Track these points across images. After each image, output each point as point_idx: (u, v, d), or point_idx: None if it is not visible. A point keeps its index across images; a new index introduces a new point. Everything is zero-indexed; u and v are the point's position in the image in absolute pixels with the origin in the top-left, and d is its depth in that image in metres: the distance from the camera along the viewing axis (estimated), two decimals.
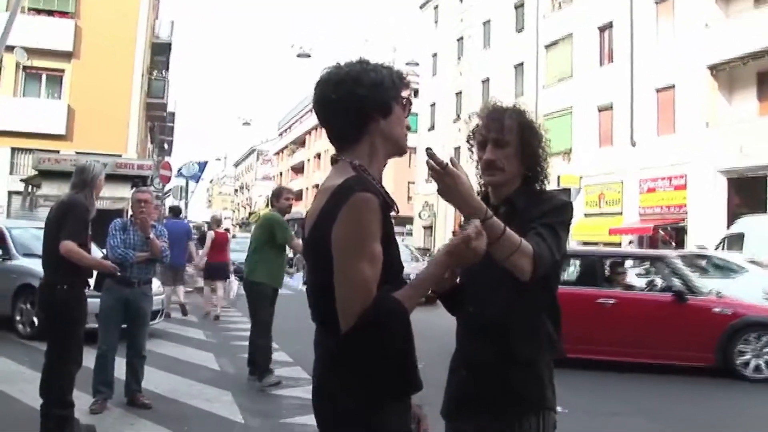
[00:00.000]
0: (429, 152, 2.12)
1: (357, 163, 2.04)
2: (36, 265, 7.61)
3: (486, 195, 2.64)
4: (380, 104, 2.06)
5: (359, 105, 2.03)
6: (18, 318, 10.02)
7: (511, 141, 2.52)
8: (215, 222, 15.23)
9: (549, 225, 2.38)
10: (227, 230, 17.81)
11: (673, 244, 24.99)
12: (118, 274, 5.99)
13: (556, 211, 2.46)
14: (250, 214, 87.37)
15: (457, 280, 2.61)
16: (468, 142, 2.69)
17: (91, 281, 5.74)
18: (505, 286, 2.32)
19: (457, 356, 2.63)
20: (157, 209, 6.73)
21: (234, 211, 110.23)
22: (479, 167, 2.60)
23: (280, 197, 7.73)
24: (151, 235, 6.39)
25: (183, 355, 9.03)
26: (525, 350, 2.43)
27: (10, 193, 26.71)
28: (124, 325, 6.42)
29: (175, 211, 15.33)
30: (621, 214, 28.29)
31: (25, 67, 27.76)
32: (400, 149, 2.17)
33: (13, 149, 27.18)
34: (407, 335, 1.95)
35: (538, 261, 2.23)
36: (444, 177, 2.13)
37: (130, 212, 6.91)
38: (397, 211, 2.09)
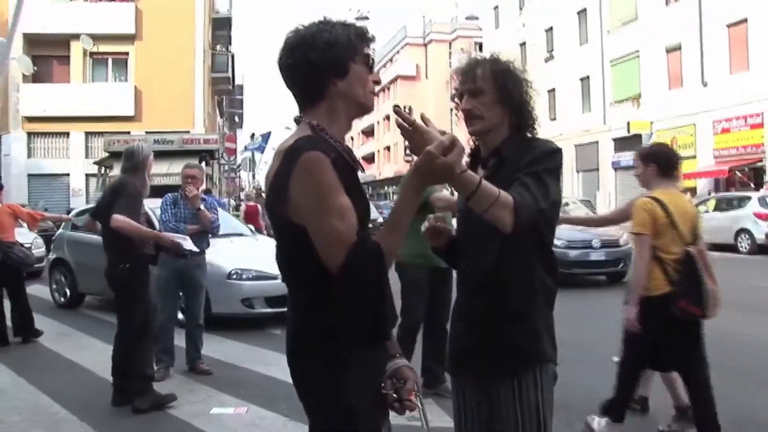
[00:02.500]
0: (396, 110, 2.11)
1: (315, 123, 2.05)
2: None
3: (477, 149, 2.63)
4: (335, 65, 2.05)
5: (313, 68, 2.03)
6: None
7: (486, 88, 2.48)
8: (246, 197, 16.19)
9: (535, 173, 2.33)
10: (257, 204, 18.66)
11: (752, 185, 24.08)
12: (188, 248, 6.14)
13: (543, 158, 2.40)
14: (362, 170, 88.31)
15: (453, 233, 2.61)
16: (453, 100, 2.67)
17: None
18: (497, 238, 2.29)
19: (456, 309, 2.64)
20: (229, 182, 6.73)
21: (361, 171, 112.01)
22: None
23: None
24: (201, 207, 6.57)
25: (243, 323, 9.03)
26: (519, 303, 2.43)
27: (87, 176, 27.75)
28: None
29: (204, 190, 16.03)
30: (695, 157, 27.34)
31: (91, 53, 28.64)
32: (362, 109, 2.15)
33: (87, 133, 28.17)
34: (380, 277, 1.97)
35: (518, 212, 2.19)
36: (413, 134, 2.10)
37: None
38: (363, 170, 2.09)
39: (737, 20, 25.21)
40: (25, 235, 11.99)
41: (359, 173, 2.15)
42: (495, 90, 2.48)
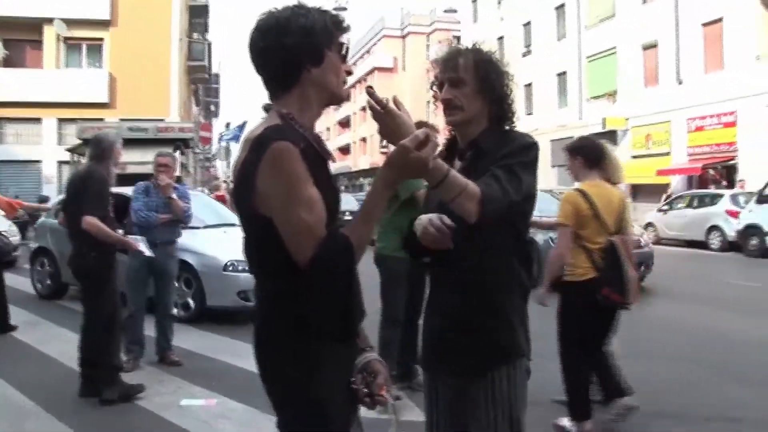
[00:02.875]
0: (369, 91, 2.07)
1: (285, 111, 1.99)
2: (182, 239, 7.27)
3: (453, 140, 2.60)
4: (310, 52, 1.98)
5: (287, 53, 1.96)
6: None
7: (468, 79, 2.46)
8: (214, 187, 16.68)
9: (508, 166, 2.31)
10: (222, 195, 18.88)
11: (724, 183, 24.36)
12: (146, 253, 6.06)
13: (519, 151, 2.39)
14: (332, 161, 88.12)
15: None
16: (431, 89, 2.63)
17: None
18: (475, 232, 2.27)
19: (430, 304, 2.61)
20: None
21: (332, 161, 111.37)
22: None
23: None
24: (173, 196, 6.49)
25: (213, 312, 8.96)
26: (495, 298, 2.41)
27: (60, 163, 27.36)
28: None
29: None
30: (669, 154, 27.66)
31: (65, 39, 28.21)
32: (335, 98, 2.10)
33: (60, 120, 27.75)
34: (349, 271, 1.92)
35: (484, 203, 2.17)
36: (384, 117, 2.07)
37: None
38: (333, 160, 2.06)
39: (712, 19, 25.44)
40: (0, 223, 11.84)
41: (331, 163, 2.11)
42: (477, 81, 2.45)
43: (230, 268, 8.44)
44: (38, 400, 5.36)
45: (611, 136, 30.48)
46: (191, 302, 8.60)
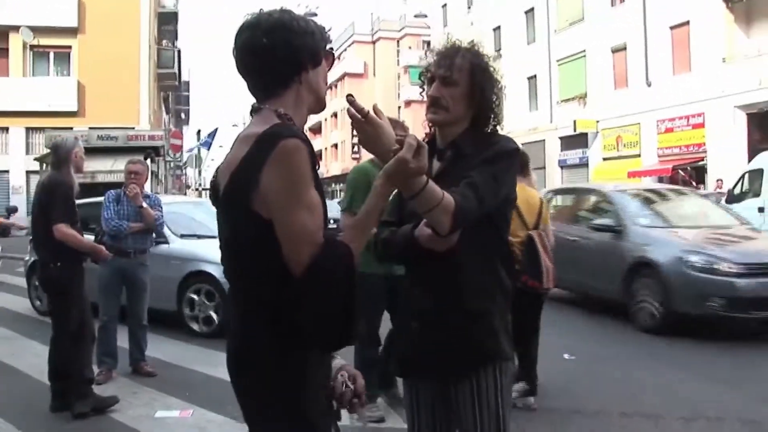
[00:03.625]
0: (349, 99, 2.02)
1: (282, 111, 1.95)
2: (201, 248, 7.24)
3: (433, 137, 2.55)
4: (312, 53, 2.00)
5: (292, 52, 1.96)
6: (188, 312, 8.18)
7: (460, 81, 2.42)
8: None
9: (489, 172, 2.29)
10: None
11: (694, 183, 24.64)
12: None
13: (501, 156, 2.37)
14: (319, 167, 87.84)
15: None
16: (420, 79, 2.58)
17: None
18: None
19: (407, 309, 2.55)
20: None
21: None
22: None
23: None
24: (144, 205, 6.38)
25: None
26: (477, 301, 2.37)
27: (28, 173, 26.94)
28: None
29: None
30: (639, 156, 27.92)
31: (32, 46, 27.85)
32: (320, 103, 2.10)
33: (28, 129, 27.37)
34: (351, 280, 1.87)
35: (457, 217, 2.15)
36: (365, 125, 2.03)
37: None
38: (319, 166, 2.01)
39: (680, 22, 25.73)
40: None
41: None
42: (468, 85, 2.42)
43: None
44: (8, 417, 5.21)
45: (582, 138, 30.78)
46: (214, 316, 7.97)
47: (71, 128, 24.61)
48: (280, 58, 1.95)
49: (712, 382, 6.05)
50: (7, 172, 27.46)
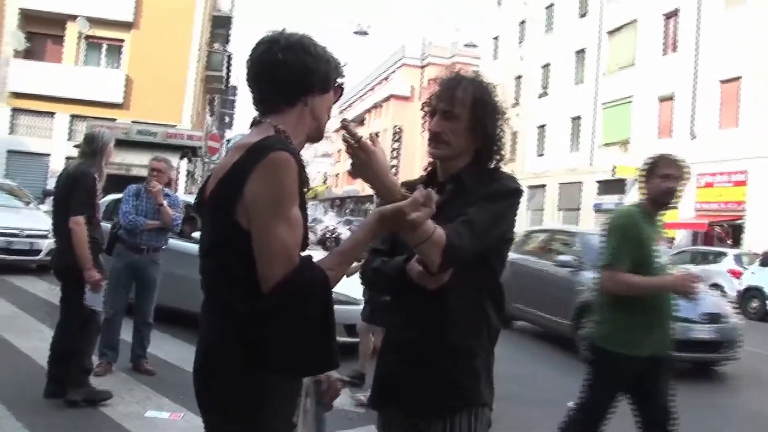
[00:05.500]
0: (344, 124, 2.01)
1: (281, 128, 1.94)
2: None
3: (434, 170, 2.49)
4: (323, 78, 2.03)
5: (304, 72, 1.98)
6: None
7: (461, 115, 2.33)
8: None
9: (488, 210, 2.21)
10: None
11: (729, 241, 24.20)
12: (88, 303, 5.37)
13: (501, 195, 2.29)
14: (308, 190, 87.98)
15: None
16: (422, 110, 2.51)
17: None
18: None
19: (388, 339, 2.48)
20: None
21: (307, 191, 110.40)
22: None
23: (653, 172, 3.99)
24: (164, 203, 6.40)
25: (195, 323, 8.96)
26: (460, 337, 2.27)
27: (68, 159, 27.34)
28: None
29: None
30: (676, 208, 27.47)
31: (86, 37, 28.35)
32: (319, 132, 2.12)
33: (72, 116, 27.79)
34: (326, 307, 1.85)
35: (447, 254, 2.08)
36: (358, 152, 2.00)
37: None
38: (309, 188, 1.98)
39: (731, 77, 25.44)
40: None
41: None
42: (470, 119, 2.34)
43: None
44: (1, 398, 5.22)
45: (620, 184, 30.44)
46: None
47: (114, 119, 25.00)
48: (291, 76, 1.97)
49: None
50: (48, 155, 27.88)
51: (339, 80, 2.10)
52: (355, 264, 2.15)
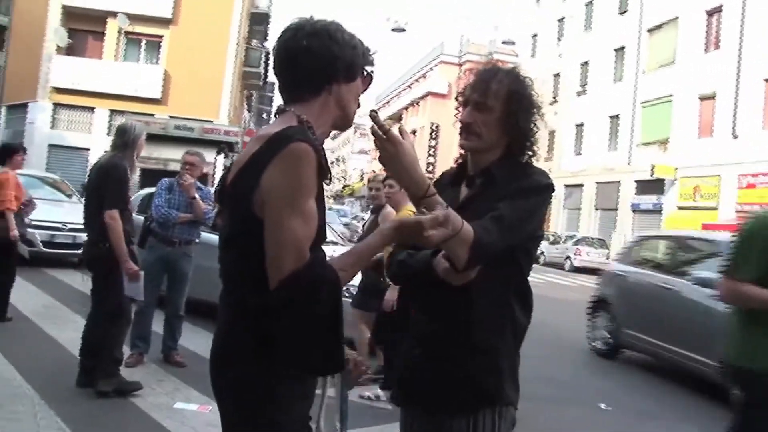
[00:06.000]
0: (372, 115, 1.96)
1: (304, 118, 1.91)
2: None
3: (464, 163, 2.44)
4: (348, 66, 1.98)
5: (329, 59, 1.93)
6: None
7: (495, 107, 2.26)
8: None
9: (516, 206, 2.15)
10: None
11: None
12: (128, 293, 5.45)
13: (532, 191, 2.22)
14: (344, 186, 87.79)
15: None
16: (456, 100, 2.44)
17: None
18: None
19: (413, 332, 2.41)
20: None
21: (328, 183, 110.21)
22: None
23: None
24: (196, 197, 6.44)
25: None
26: (484, 334, 2.22)
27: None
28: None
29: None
30: (716, 209, 26.98)
31: (126, 33, 28.73)
32: (347, 120, 2.06)
33: (112, 111, 28.16)
34: (335, 306, 1.82)
35: (475, 250, 2.02)
36: (386, 143, 1.96)
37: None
38: (330, 181, 1.95)
39: None
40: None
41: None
42: (503, 112, 2.27)
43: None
44: (35, 385, 5.33)
45: (658, 184, 30.00)
46: None
47: (153, 114, 25.32)
48: (315, 63, 1.93)
49: None
50: (88, 149, 28.30)
51: (368, 68, 2.06)
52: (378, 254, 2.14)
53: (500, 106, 2.26)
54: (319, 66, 1.93)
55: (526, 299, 2.32)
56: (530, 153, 2.34)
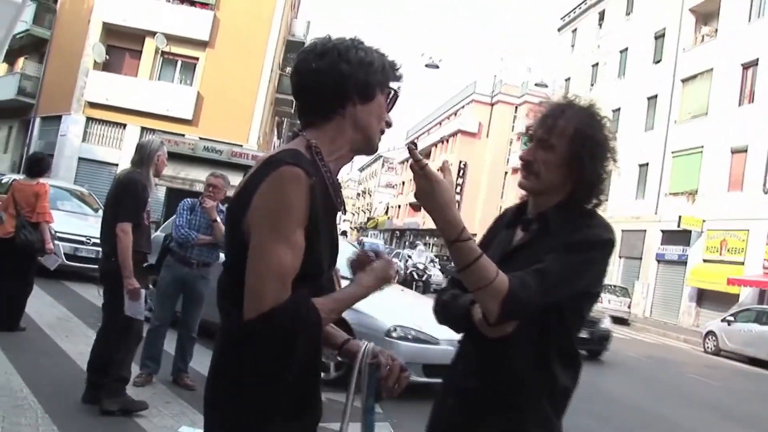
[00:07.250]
0: (410, 147, 1.82)
1: (314, 143, 1.82)
2: None
3: (524, 204, 2.26)
4: (362, 85, 1.84)
5: (338, 80, 1.82)
6: None
7: (558, 146, 2.07)
8: None
9: (566, 261, 1.96)
10: None
11: None
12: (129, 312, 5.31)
13: (588, 246, 2.01)
14: (369, 219, 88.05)
15: None
16: (526, 133, 2.26)
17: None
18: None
19: (448, 381, 2.28)
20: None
21: (354, 215, 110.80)
22: None
23: None
24: (218, 219, 6.41)
25: None
26: (516, 396, 2.04)
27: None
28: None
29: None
30: (743, 264, 26.56)
31: (163, 53, 29.16)
32: (370, 144, 1.93)
33: (143, 128, 28.46)
34: (314, 349, 1.77)
35: (506, 305, 1.86)
36: (421, 180, 1.82)
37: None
38: (344, 212, 1.87)
39: None
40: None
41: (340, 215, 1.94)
42: (567, 152, 2.07)
43: (394, 335, 7.06)
44: (41, 398, 5.26)
45: (685, 235, 29.65)
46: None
47: (183, 135, 25.50)
48: (324, 85, 1.83)
49: None
50: (117, 165, 28.53)
51: (392, 84, 1.92)
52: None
53: (565, 145, 2.08)
54: (327, 88, 1.83)
55: (571, 362, 2.12)
56: (596, 201, 2.15)
